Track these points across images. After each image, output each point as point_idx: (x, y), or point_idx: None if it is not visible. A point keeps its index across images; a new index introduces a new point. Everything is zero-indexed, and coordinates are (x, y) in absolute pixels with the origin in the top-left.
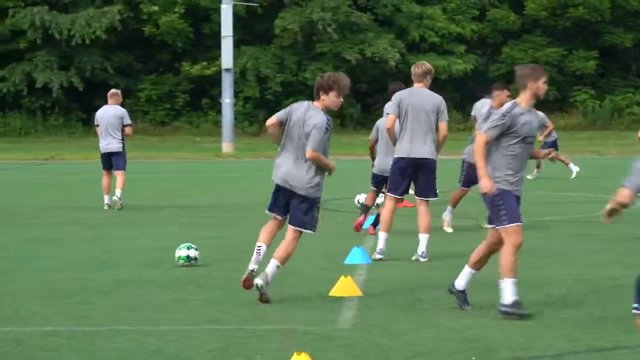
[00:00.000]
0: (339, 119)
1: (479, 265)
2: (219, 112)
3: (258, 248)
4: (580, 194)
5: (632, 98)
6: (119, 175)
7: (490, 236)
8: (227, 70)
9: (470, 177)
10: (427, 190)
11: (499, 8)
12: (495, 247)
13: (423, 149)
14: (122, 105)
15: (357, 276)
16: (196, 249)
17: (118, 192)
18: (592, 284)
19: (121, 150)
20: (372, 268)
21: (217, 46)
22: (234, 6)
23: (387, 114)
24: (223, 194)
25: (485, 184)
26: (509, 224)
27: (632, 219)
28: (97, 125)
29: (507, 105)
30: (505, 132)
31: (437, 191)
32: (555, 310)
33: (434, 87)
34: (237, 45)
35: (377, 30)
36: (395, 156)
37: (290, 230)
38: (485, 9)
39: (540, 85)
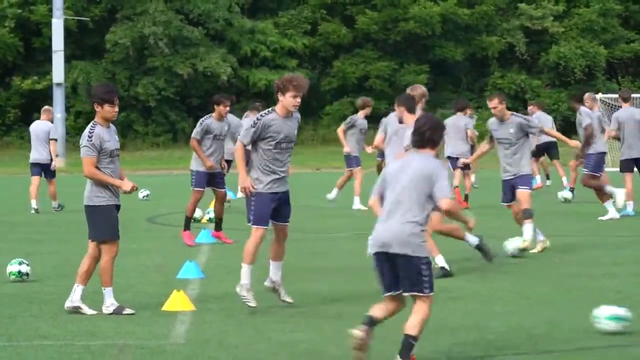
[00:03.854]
0: (170, 133)
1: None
2: None
3: None
4: None
5: None
6: (50, 185)
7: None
8: (59, 84)
9: None
10: None
11: (330, 22)
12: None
13: None
14: None
15: (190, 290)
16: (28, 265)
17: (54, 203)
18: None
19: (49, 161)
20: (205, 282)
21: (49, 60)
22: (65, 20)
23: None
24: (51, 210)
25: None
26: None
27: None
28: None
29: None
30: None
31: None
32: (393, 325)
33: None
34: (68, 59)
35: (208, 45)
36: None
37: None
38: (317, 23)
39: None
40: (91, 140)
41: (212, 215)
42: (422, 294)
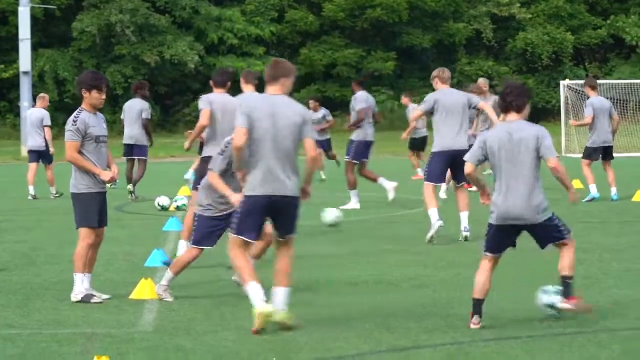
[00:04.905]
0: None
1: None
2: (18, 115)
3: None
4: (370, 194)
5: None
6: (48, 169)
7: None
8: (25, 73)
9: None
10: None
11: (297, 9)
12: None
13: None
14: None
15: (158, 279)
16: None
17: (52, 189)
18: (393, 284)
19: (44, 147)
20: None
21: (15, 49)
22: (32, 8)
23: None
24: (22, 198)
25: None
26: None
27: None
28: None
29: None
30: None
31: None
32: (358, 311)
33: (237, 89)
34: (35, 48)
35: (175, 33)
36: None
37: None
38: (284, 10)
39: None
40: (75, 125)
41: (179, 203)
42: (566, 239)
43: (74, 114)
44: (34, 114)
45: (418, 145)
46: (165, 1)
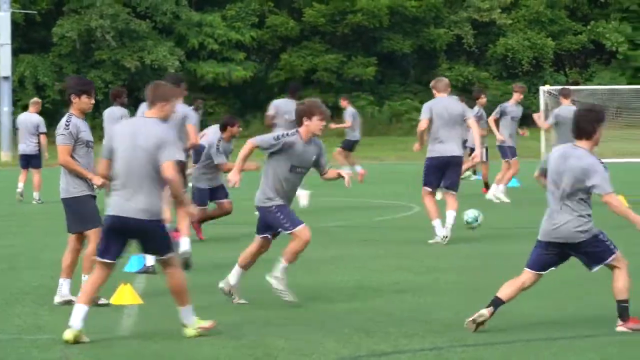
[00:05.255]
0: None
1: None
2: None
3: None
4: (359, 200)
5: (410, 104)
6: (35, 173)
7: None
8: (5, 78)
9: None
10: None
11: (278, 15)
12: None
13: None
14: None
15: (136, 284)
16: None
17: (36, 194)
18: (375, 290)
19: (36, 152)
20: (152, 276)
21: None
22: (12, 14)
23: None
24: (3, 203)
25: None
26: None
27: (410, 224)
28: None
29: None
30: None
31: None
32: (338, 315)
33: (219, 94)
34: (15, 53)
35: (156, 38)
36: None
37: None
38: (265, 15)
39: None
40: (68, 129)
41: None
42: (610, 261)
43: (65, 118)
44: (28, 119)
45: (351, 146)
46: (146, 7)
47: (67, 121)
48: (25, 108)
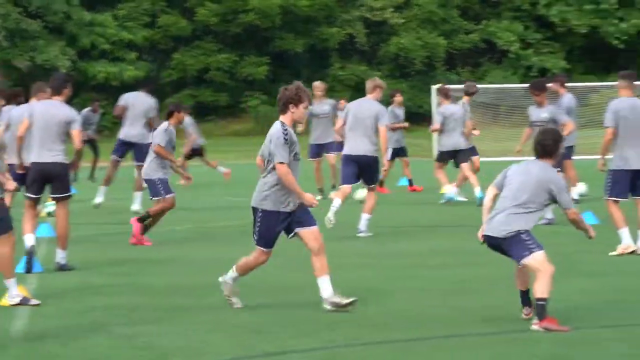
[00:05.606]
0: None
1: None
2: None
3: None
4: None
5: None
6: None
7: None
8: None
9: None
10: None
11: (170, 14)
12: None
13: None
14: None
15: (28, 285)
16: None
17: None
18: (269, 290)
19: None
20: (44, 277)
21: None
22: None
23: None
24: None
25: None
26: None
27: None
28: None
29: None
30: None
31: None
32: (231, 316)
33: (111, 93)
34: None
35: (47, 38)
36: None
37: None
38: (156, 15)
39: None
40: None
41: (50, 209)
42: (527, 257)
43: None
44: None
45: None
46: (37, 6)
47: None
48: None
